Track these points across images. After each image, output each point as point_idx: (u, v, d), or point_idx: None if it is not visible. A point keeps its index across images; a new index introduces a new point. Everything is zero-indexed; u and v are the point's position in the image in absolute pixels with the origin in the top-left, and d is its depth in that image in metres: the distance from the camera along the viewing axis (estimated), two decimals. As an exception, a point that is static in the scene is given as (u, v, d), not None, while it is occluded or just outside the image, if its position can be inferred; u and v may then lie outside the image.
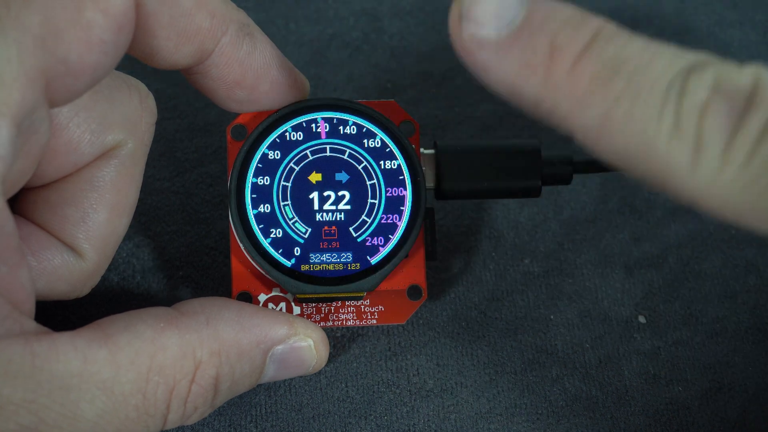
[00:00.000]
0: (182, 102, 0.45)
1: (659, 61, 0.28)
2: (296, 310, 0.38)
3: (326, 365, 0.39)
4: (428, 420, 0.39)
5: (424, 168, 0.38)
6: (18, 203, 0.36)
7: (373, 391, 0.40)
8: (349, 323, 0.39)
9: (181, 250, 0.42)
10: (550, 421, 0.40)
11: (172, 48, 0.33)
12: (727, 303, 0.42)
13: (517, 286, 0.42)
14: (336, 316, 0.39)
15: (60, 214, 0.35)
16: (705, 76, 0.27)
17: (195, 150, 0.43)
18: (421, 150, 0.38)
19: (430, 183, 0.38)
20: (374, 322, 0.39)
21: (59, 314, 0.39)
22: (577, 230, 0.43)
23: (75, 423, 0.30)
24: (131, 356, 0.31)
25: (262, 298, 0.38)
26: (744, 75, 0.27)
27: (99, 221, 0.35)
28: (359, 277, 0.37)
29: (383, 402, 0.40)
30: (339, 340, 0.40)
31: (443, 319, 0.41)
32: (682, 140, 0.27)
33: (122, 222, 0.36)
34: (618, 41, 0.28)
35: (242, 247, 0.37)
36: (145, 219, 0.42)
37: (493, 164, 0.38)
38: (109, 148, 0.35)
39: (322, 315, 0.39)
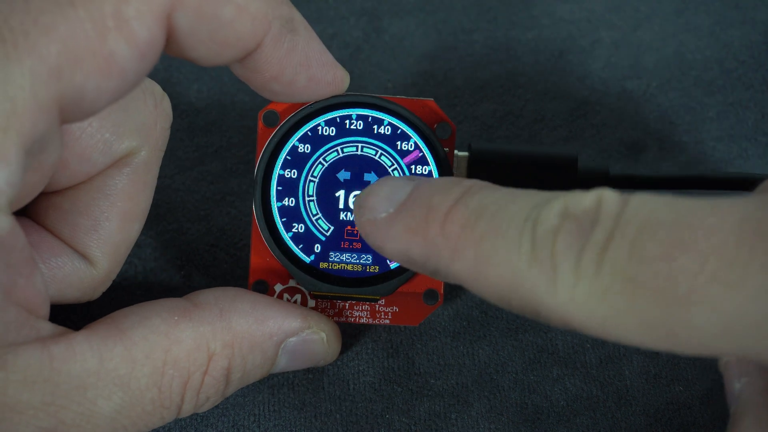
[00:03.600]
0: (182, 102, 0.45)
1: (517, 200, 0.30)
2: (311, 303, 0.38)
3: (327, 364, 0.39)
4: (429, 419, 0.39)
5: (455, 173, 0.38)
6: (30, 208, 0.36)
7: (374, 390, 0.40)
8: (362, 320, 0.39)
9: (182, 248, 0.42)
10: (551, 421, 0.40)
11: (214, 56, 0.32)
12: (728, 303, 0.42)
13: (518, 285, 0.42)
14: (350, 313, 0.38)
15: (71, 222, 0.35)
16: (555, 204, 0.29)
17: (196, 149, 0.43)
18: (455, 152, 0.38)
19: None
20: (387, 322, 0.38)
21: (61, 313, 0.39)
22: (578, 230, 0.43)
23: (93, 420, 0.31)
24: (146, 351, 0.32)
25: (278, 288, 0.38)
26: (588, 198, 0.28)
27: (110, 229, 0.35)
28: (377, 281, 0.37)
29: (384, 401, 0.40)
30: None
31: (445, 318, 0.41)
32: (539, 264, 0.28)
33: (134, 228, 0.36)
34: (483, 192, 0.31)
35: (263, 238, 0.37)
36: (147, 218, 0.42)
37: (527, 173, 0.37)
38: (122, 155, 0.35)
39: (336, 310, 0.38)
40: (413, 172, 0.37)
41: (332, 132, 0.37)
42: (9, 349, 0.30)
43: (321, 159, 0.37)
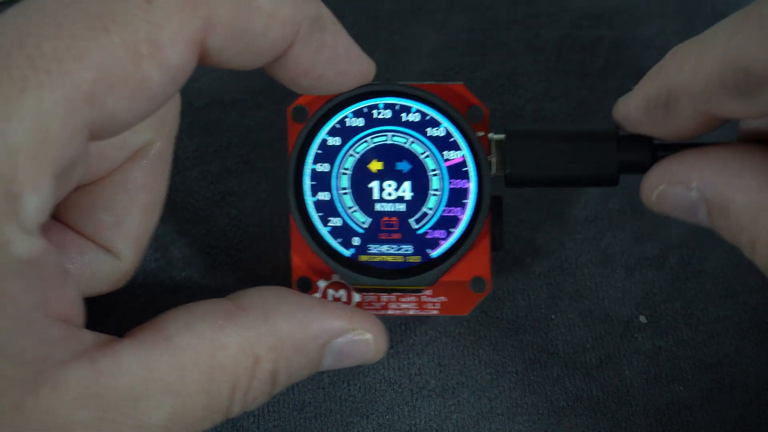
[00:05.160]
0: (182, 102, 0.44)
1: None
2: (356, 297, 0.38)
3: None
4: (429, 419, 0.39)
5: (493, 156, 0.36)
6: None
7: (375, 390, 0.40)
8: (410, 313, 0.38)
9: (182, 249, 0.42)
10: (551, 421, 0.40)
11: (247, 64, 0.32)
12: (728, 302, 0.42)
13: (518, 285, 0.42)
14: (397, 306, 0.38)
15: (94, 219, 0.35)
16: None
17: (195, 149, 0.43)
18: (491, 135, 0.37)
19: (498, 170, 0.37)
20: (435, 312, 0.38)
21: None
22: (578, 230, 0.43)
23: (146, 430, 0.31)
24: (193, 357, 0.31)
25: (322, 284, 0.37)
26: None
27: (133, 223, 0.35)
28: (418, 271, 0.36)
29: (385, 401, 0.40)
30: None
31: (445, 318, 0.41)
32: None
33: (154, 219, 0.36)
34: None
35: (301, 235, 0.37)
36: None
37: (566, 150, 0.36)
38: (139, 148, 0.35)
39: (382, 304, 0.38)
40: (446, 158, 0.37)
41: (361, 123, 0.37)
42: (59, 367, 0.29)
43: (352, 150, 0.37)
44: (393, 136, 0.37)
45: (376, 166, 0.37)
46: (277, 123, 0.44)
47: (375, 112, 0.37)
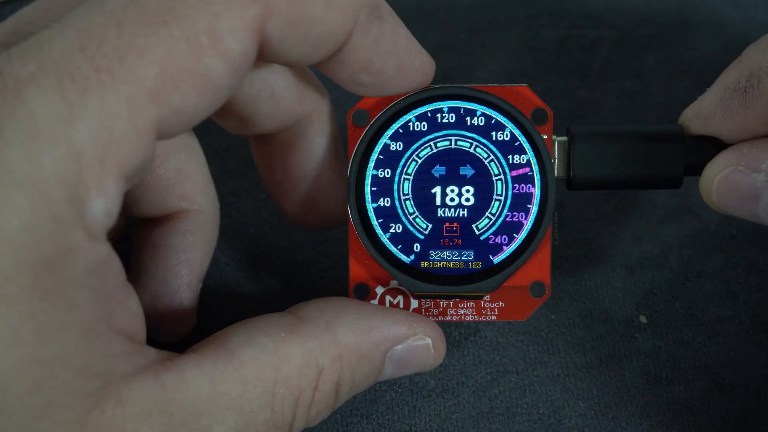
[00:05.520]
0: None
1: None
2: (414, 303, 0.37)
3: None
4: (430, 420, 0.39)
5: (555, 158, 0.36)
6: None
7: (375, 391, 0.40)
8: (468, 318, 0.37)
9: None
10: (551, 422, 0.39)
11: (307, 57, 0.32)
12: (729, 303, 0.42)
13: (519, 285, 0.42)
14: (454, 311, 0.37)
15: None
16: None
17: (195, 149, 0.43)
18: (553, 137, 0.36)
19: (561, 173, 0.36)
20: (494, 318, 0.37)
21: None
22: (579, 229, 0.43)
23: None
24: (257, 371, 0.31)
25: (380, 290, 0.37)
26: None
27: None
28: (480, 278, 0.36)
29: (385, 401, 0.39)
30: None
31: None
32: None
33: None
34: None
35: (360, 241, 0.36)
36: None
37: (631, 152, 0.36)
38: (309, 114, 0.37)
39: (440, 309, 0.37)
40: (511, 163, 0.36)
41: (424, 127, 0.36)
42: (123, 382, 0.29)
43: (414, 156, 0.36)
44: (457, 140, 0.36)
45: (438, 171, 0.36)
46: (277, 123, 0.44)
47: (439, 116, 0.36)
